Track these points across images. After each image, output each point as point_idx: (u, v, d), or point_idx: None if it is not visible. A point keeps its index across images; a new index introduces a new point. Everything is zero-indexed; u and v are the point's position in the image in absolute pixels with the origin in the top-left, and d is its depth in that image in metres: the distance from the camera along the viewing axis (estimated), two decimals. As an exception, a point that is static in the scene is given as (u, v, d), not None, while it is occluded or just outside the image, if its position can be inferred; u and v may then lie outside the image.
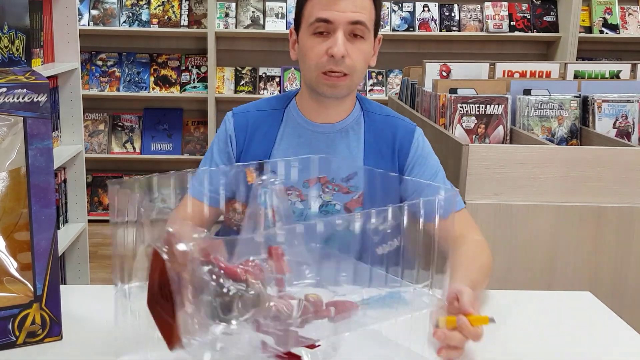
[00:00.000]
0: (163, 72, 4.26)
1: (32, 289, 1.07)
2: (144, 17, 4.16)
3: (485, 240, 1.42)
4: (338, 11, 1.32)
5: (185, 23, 4.17)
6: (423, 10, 4.20)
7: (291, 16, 4.02)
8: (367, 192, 1.36)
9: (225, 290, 0.83)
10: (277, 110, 1.48)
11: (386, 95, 4.25)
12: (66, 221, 2.69)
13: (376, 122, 1.47)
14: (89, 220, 2.85)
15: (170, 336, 0.84)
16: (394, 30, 4.17)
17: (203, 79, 4.24)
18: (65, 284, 2.68)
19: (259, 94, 4.22)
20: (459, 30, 4.20)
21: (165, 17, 4.17)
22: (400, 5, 4.21)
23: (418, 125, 1.54)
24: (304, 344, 0.90)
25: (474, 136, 2.11)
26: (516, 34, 4.17)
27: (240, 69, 4.29)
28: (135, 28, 4.14)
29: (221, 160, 1.46)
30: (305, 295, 0.90)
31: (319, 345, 0.92)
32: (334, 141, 1.44)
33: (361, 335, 1.00)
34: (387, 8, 4.21)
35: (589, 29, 4.24)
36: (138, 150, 4.28)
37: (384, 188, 1.23)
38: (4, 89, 1.01)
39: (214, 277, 0.83)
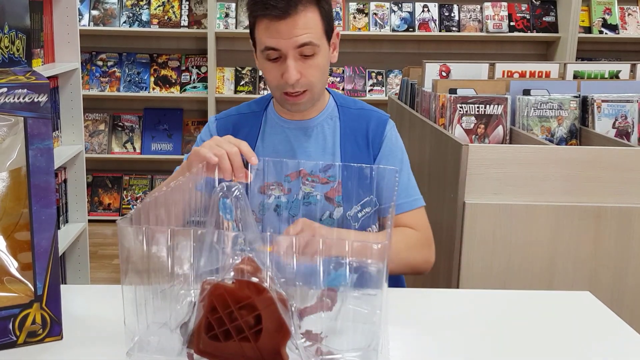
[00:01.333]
0: (163, 72, 4.26)
1: (33, 289, 1.07)
2: (144, 18, 4.16)
3: (427, 239, 1.47)
4: (283, 38, 1.34)
5: (185, 23, 4.17)
6: (423, 11, 4.20)
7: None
8: (344, 182, 1.41)
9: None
10: (257, 112, 1.55)
11: (386, 95, 4.25)
12: (66, 221, 2.69)
13: (351, 115, 1.52)
14: (89, 220, 2.85)
15: None
16: (393, 30, 4.17)
17: (203, 79, 4.24)
18: (65, 284, 2.68)
19: (258, 94, 4.22)
20: (459, 31, 4.20)
21: (166, 17, 4.17)
22: (400, 5, 4.21)
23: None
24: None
25: (473, 136, 2.11)
26: (516, 34, 4.17)
27: (240, 69, 4.29)
28: (135, 28, 4.14)
29: None
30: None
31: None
32: (311, 135, 1.50)
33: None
34: (387, 8, 4.21)
35: (588, 29, 4.24)
36: (138, 150, 4.28)
37: (358, 177, 1.30)
38: (5, 89, 1.01)
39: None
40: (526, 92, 2.22)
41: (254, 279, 0.89)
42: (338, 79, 4.31)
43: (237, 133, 1.51)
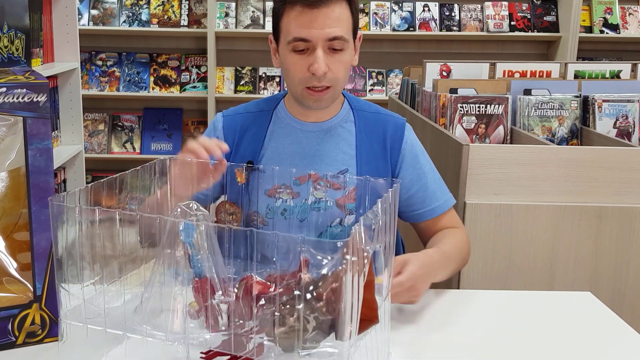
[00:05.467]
0: (163, 72, 4.26)
1: (32, 289, 1.07)
2: (144, 17, 4.16)
3: (466, 235, 1.50)
4: (315, 29, 1.31)
5: (185, 23, 4.17)
6: (423, 10, 4.20)
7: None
8: (359, 191, 1.37)
9: None
10: (265, 111, 1.50)
11: (386, 95, 4.25)
12: (66, 221, 2.69)
13: (366, 119, 1.48)
14: (89, 220, 2.85)
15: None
16: (394, 30, 4.17)
17: (203, 78, 4.24)
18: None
19: (259, 93, 4.22)
20: (459, 30, 4.19)
21: (165, 16, 4.17)
22: (400, 5, 4.21)
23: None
24: None
25: (474, 136, 2.11)
26: (516, 33, 4.17)
27: (240, 68, 4.28)
28: (135, 28, 4.14)
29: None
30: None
31: None
32: (324, 139, 1.46)
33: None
34: (387, 8, 4.20)
35: (589, 29, 4.24)
36: (138, 150, 4.28)
37: (374, 189, 1.23)
38: (4, 89, 1.01)
39: None
40: (527, 92, 2.21)
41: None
42: (338, 79, 4.31)
43: (244, 132, 1.48)
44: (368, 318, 0.89)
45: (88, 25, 4.09)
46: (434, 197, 1.47)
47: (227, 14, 4.17)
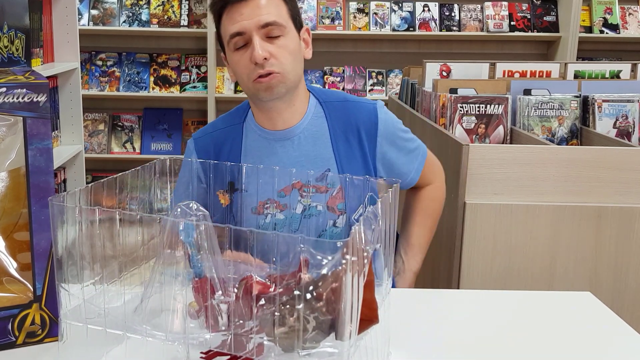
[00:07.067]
0: (163, 72, 4.26)
1: (32, 289, 1.07)
2: (144, 17, 4.16)
3: (439, 181, 1.61)
4: (245, 20, 1.33)
5: (185, 23, 4.17)
6: (423, 10, 4.20)
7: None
8: (346, 188, 1.35)
9: None
10: (235, 125, 1.48)
11: (386, 95, 4.25)
12: (66, 221, 2.69)
13: (336, 110, 1.45)
14: (89, 220, 2.85)
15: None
16: (394, 30, 4.17)
17: (203, 78, 4.23)
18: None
19: (259, 93, 4.22)
20: (459, 30, 4.19)
21: (165, 17, 4.17)
22: (400, 5, 4.21)
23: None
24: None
25: (474, 136, 2.11)
26: (516, 33, 4.17)
27: (240, 68, 4.28)
28: (135, 28, 4.14)
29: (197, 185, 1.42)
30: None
31: None
32: (300, 144, 1.43)
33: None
34: (387, 8, 4.20)
35: (589, 29, 4.24)
36: (138, 150, 4.28)
37: (356, 183, 1.22)
38: (4, 89, 1.01)
39: None
40: (527, 92, 2.22)
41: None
42: (338, 79, 4.31)
43: (218, 152, 1.46)
44: (368, 318, 0.89)
45: (88, 25, 4.09)
46: (415, 152, 1.52)
47: (227, 14, 4.17)
